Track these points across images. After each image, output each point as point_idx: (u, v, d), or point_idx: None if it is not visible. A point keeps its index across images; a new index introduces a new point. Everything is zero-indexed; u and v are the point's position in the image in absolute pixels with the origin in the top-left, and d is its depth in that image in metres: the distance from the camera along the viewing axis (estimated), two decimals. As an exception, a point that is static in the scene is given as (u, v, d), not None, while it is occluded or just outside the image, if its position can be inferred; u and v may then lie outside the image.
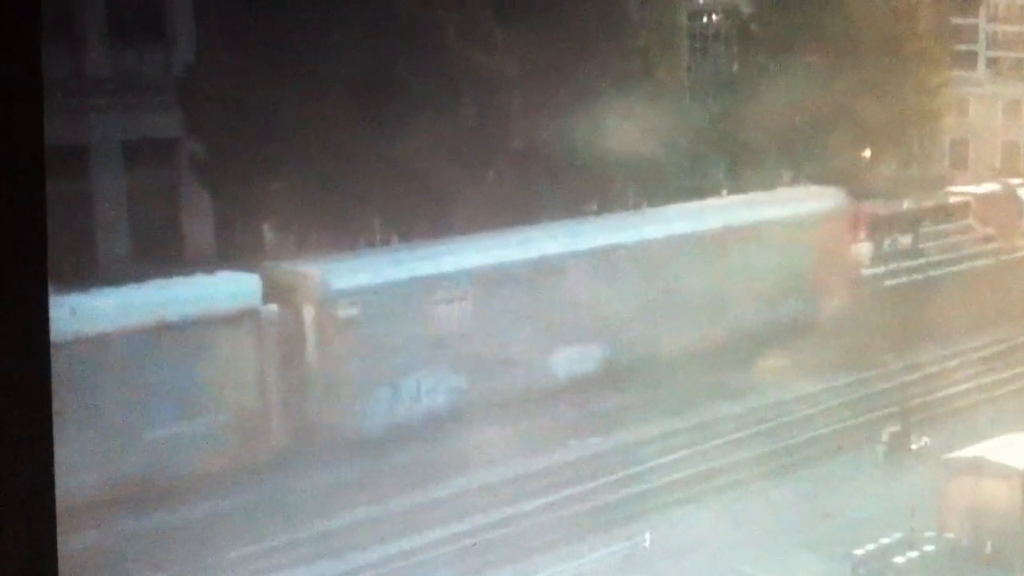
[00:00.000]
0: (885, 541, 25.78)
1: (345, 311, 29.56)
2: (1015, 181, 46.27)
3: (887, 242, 41.39)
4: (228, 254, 37.46)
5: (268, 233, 38.90)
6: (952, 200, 44.70)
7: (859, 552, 25.45)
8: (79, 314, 25.52)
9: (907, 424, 31.28)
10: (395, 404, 30.12)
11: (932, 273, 40.73)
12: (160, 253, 37.54)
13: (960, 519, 25.69)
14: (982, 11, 56.50)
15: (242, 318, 28.42)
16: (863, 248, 40.62)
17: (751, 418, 32.03)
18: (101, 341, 26.01)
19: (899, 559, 25.35)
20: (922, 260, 41.47)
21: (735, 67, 46.38)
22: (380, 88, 34.63)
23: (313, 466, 28.25)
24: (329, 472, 28.26)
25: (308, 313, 29.36)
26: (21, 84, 2.53)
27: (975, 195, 44.48)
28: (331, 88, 34.61)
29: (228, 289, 28.93)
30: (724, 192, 43.48)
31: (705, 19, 47.84)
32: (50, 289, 2.69)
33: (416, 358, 30.49)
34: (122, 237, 38.53)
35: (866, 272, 40.12)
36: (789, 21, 44.03)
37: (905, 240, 41.88)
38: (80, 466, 23.88)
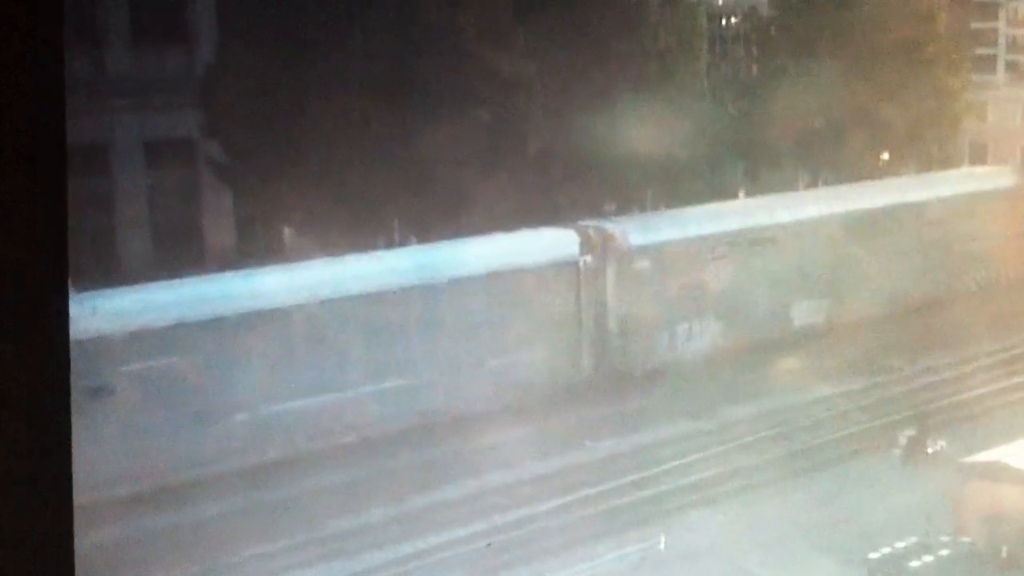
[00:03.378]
0: (900, 545, 25.69)
1: (639, 263, 34.60)
2: None
3: None
4: (249, 253, 37.59)
5: (288, 232, 39.02)
6: None
7: (874, 556, 25.37)
8: (440, 267, 31.57)
9: (923, 428, 31.21)
10: (671, 344, 35.19)
11: None
12: (181, 252, 37.69)
13: (976, 523, 25.59)
14: (1002, 15, 56.36)
15: (565, 267, 33.63)
16: None
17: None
18: (457, 284, 31.60)
19: (915, 563, 25.26)
20: None
21: (754, 69, 46.35)
22: (400, 89, 34.68)
23: (329, 465, 28.33)
24: (345, 471, 28.33)
25: (611, 264, 34.23)
26: (44, 85, 2.54)
27: None
28: (352, 89, 34.68)
29: (555, 243, 33.93)
30: (742, 194, 43.51)
31: (724, 22, 47.82)
32: (71, 289, 2.73)
33: (688, 305, 35.43)
34: (143, 236, 38.67)
35: None
36: (809, 24, 43.98)
37: None
38: (445, 384, 30.88)
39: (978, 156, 52.74)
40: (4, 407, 2.59)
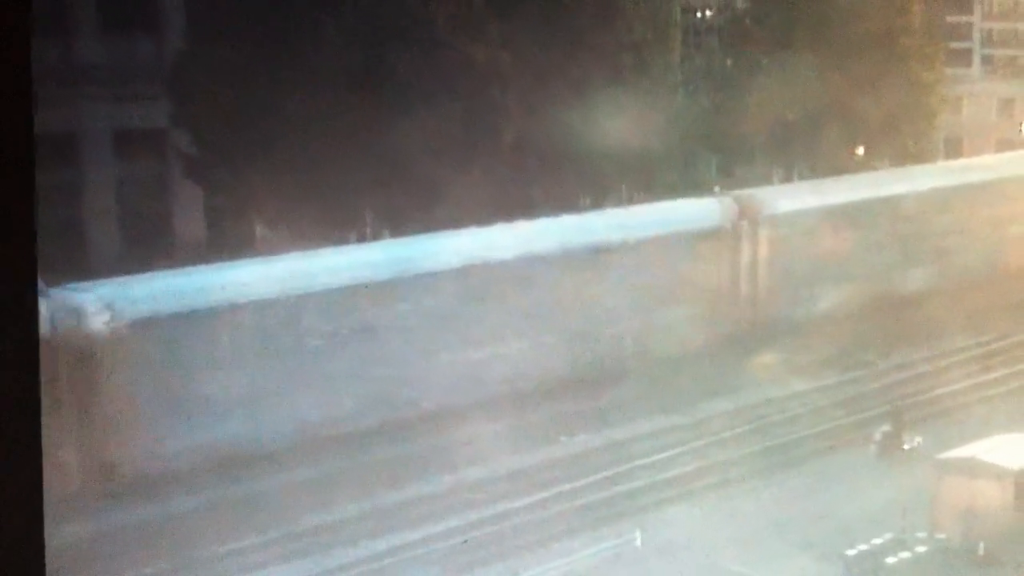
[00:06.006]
0: (877, 541, 25.60)
1: (780, 229, 38.01)
2: None
3: None
4: (218, 243, 37.32)
5: (257, 223, 38.75)
6: None
7: (851, 552, 25.27)
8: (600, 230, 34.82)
9: (899, 424, 31.14)
10: (807, 302, 38.57)
11: None
12: (150, 241, 37.42)
13: (952, 519, 25.54)
14: (977, 9, 56.53)
15: (719, 233, 37.04)
16: None
17: None
18: (620, 248, 34.80)
19: (891, 559, 25.17)
20: None
21: (729, 62, 46.32)
22: (373, 81, 34.46)
23: (302, 461, 28.13)
24: (319, 467, 28.14)
25: (757, 230, 37.64)
26: (11, 75, 2.46)
27: None
28: (324, 80, 34.44)
29: (706, 211, 37.30)
30: (716, 188, 43.46)
31: (699, 14, 47.76)
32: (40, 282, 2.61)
33: (820, 267, 38.84)
34: (112, 226, 38.40)
35: None
36: (784, 17, 43.97)
37: None
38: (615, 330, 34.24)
39: (953, 150, 52.86)
40: None
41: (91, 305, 27.21)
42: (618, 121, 37.13)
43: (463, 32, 35.46)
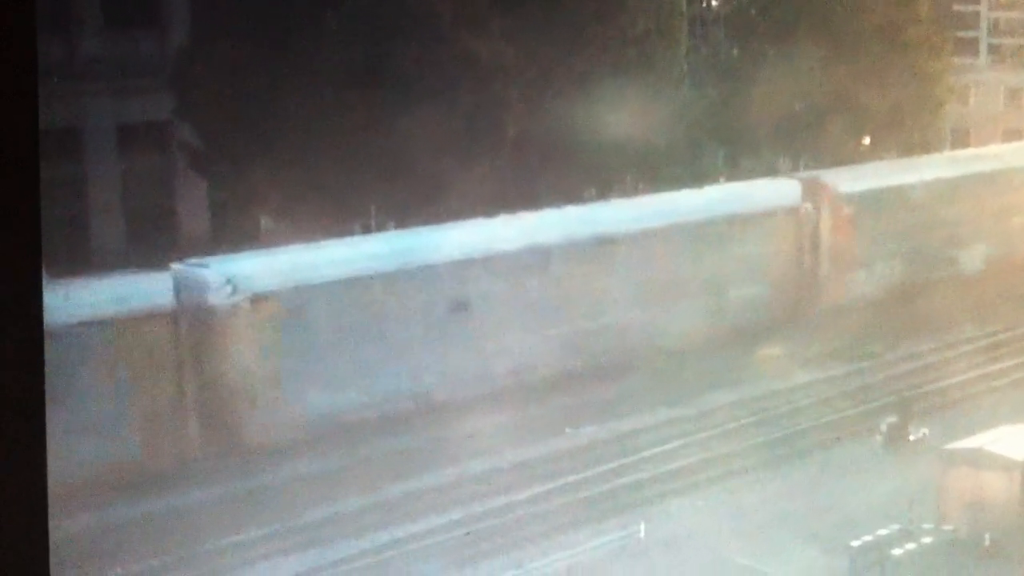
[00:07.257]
0: (883, 533, 25.57)
1: (847, 209, 40.11)
2: None
3: None
4: (222, 237, 37.34)
5: (262, 217, 38.75)
6: None
7: (856, 544, 25.25)
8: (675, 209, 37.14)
9: (905, 415, 31.11)
10: (868, 281, 40.63)
11: None
12: (154, 235, 37.44)
13: (959, 511, 25.53)
14: (984, -2, 56.43)
15: (790, 212, 39.24)
16: None
17: None
18: (713, 224, 37.36)
19: (897, 551, 25.16)
20: None
21: (735, 53, 46.23)
22: (375, 74, 34.43)
23: (305, 454, 28.19)
24: (322, 460, 28.20)
25: (824, 210, 39.71)
26: (16, 73, 2.45)
27: None
28: (327, 73, 34.41)
29: (784, 192, 39.51)
30: (722, 179, 43.42)
31: (704, 4, 47.68)
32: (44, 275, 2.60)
33: (882, 246, 40.80)
34: (116, 220, 38.41)
35: None
36: (789, 6, 43.88)
37: None
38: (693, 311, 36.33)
39: (960, 140, 52.77)
40: None
41: (213, 280, 28.59)
42: (623, 113, 37.06)
43: (466, 26, 35.39)
